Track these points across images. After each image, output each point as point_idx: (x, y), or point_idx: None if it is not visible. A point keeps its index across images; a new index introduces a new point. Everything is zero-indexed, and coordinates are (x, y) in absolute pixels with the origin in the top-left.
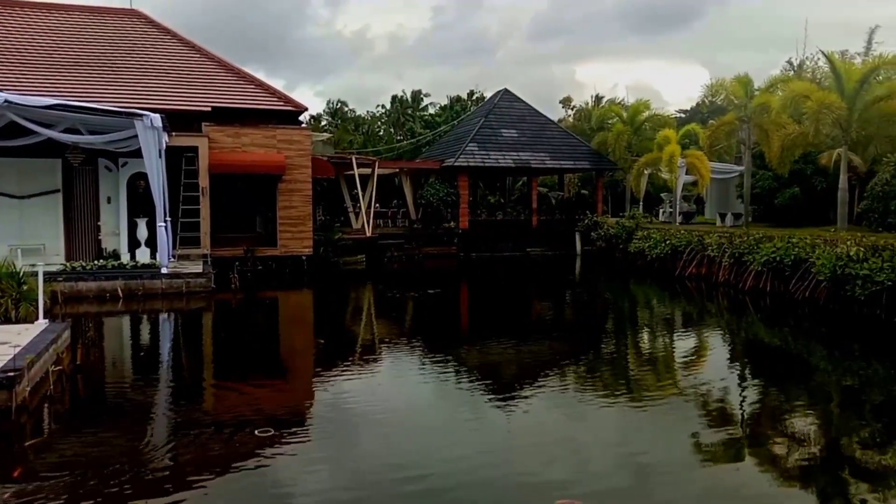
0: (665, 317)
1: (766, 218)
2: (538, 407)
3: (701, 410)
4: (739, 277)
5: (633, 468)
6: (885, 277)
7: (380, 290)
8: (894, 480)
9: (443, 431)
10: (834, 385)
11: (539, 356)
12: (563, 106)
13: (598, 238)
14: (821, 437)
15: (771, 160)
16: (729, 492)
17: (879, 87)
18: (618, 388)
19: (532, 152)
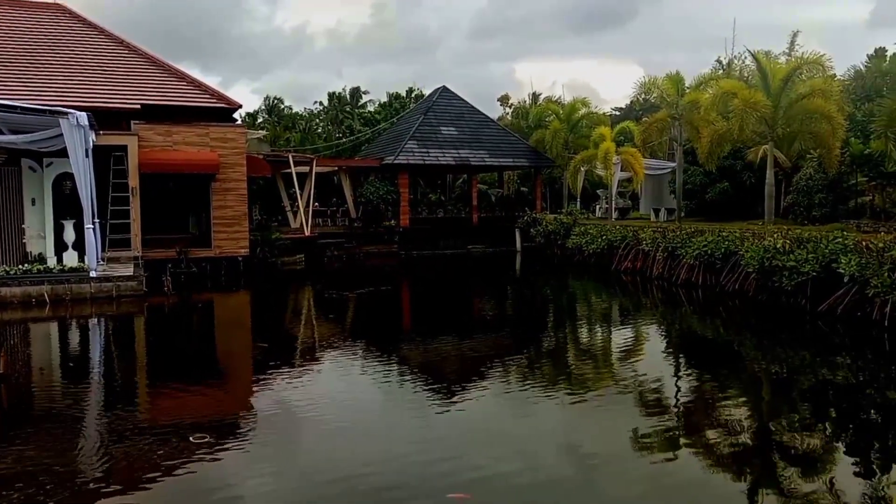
0: (602, 311)
1: (698, 213)
2: (482, 402)
3: (638, 401)
4: (673, 271)
5: (575, 459)
6: (810, 269)
7: (320, 290)
8: (821, 464)
9: (387, 431)
10: (763, 373)
11: (481, 352)
12: (502, 104)
13: (537, 234)
14: (752, 423)
15: (701, 156)
16: (667, 480)
17: (802, 86)
18: (558, 381)
19: (472, 150)
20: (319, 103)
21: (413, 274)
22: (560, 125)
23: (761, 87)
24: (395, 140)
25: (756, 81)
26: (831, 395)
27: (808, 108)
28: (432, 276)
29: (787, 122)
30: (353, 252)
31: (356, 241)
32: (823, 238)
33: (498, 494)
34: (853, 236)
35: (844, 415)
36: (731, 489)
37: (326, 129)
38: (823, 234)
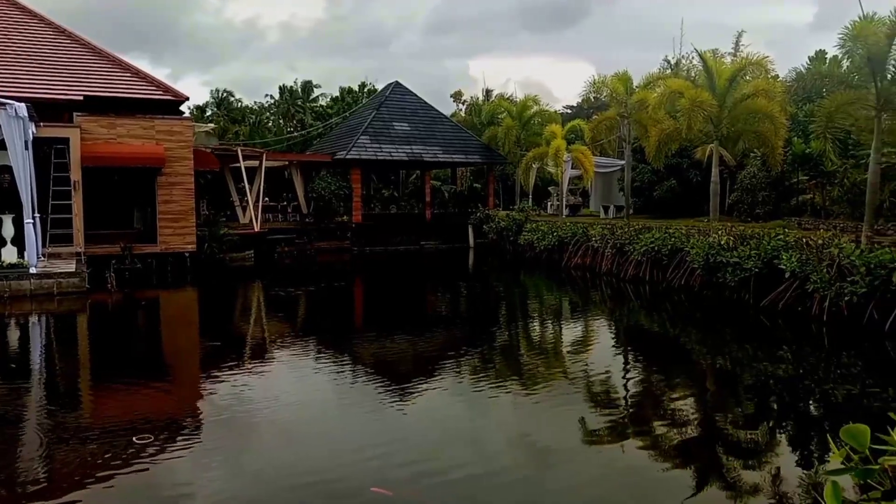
0: (553, 307)
1: (646, 210)
2: (435, 398)
3: (588, 395)
4: (621, 267)
5: (528, 452)
6: (753, 265)
7: (270, 286)
8: (765, 456)
9: (340, 428)
10: (709, 366)
11: (434, 349)
12: (455, 100)
13: (489, 231)
14: (699, 416)
15: (649, 154)
16: (616, 472)
17: (747, 86)
18: (511, 376)
19: (425, 146)
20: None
21: (366, 270)
22: (512, 122)
23: (707, 87)
24: (347, 135)
25: (702, 81)
26: (773, 388)
27: (752, 107)
28: (385, 273)
29: (732, 122)
30: (304, 248)
31: (307, 237)
32: (766, 235)
33: (453, 490)
34: (794, 233)
35: (786, 407)
36: (680, 481)
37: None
38: (766, 231)
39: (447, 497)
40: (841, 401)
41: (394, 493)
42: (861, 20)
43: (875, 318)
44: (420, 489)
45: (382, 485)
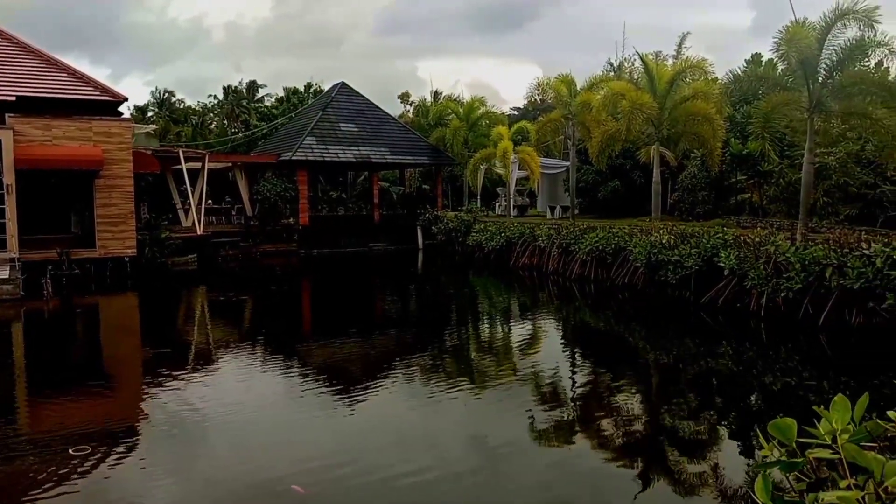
0: (501, 306)
1: (591, 210)
2: (387, 400)
3: (538, 394)
4: (567, 266)
5: (481, 452)
6: (693, 263)
7: (214, 291)
8: (708, 449)
9: (291, 434)
10: (653, 363)
11: (384, 350)
12: (402, 101)
13: (438, 232)
14: (645, 412)
15: (592, 155)
16: (568, 469)
17: (686, 88)
18: (461, 376)
19: (372, 147)
20: (214, 97)
21: (313, 273)
22: (460, 124)
23: (648, 90)
24: (293, 136)
25: (644, 84)
26: (715, 383)
27: (691, 109)
28: (333, 275)
29: (673, 123)
30: (249, 251)
31: (252, 240)
32: (705, 234)
33: (408, 493)
34: (733, 232)
35: (727, 401)
36: (629, 476)
37: (221, 124)
38: (706, 229)
39: (402, 499)
40: (779, 394)
41: (308, 492)
42: (794, 25)
43: (810, 313)
44: (375, 492)
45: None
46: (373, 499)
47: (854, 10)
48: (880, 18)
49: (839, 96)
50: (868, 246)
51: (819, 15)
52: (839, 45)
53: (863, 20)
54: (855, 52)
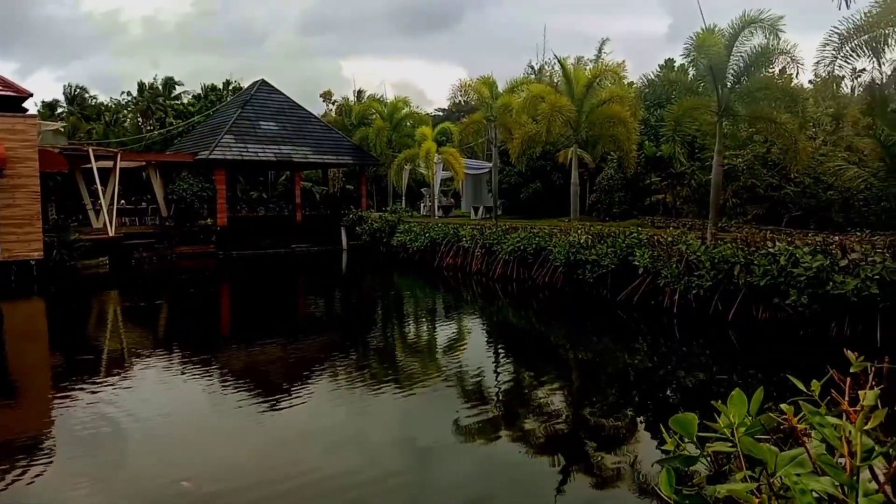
0: (426, 307)
1: (514, 211)
2: (311, 403)
3: (463, 393)
4: (490, 266)
5: (407, 451)
6: (609, 262)
7: (127, 295)
8: (625, 443)
9: (213, 440)
10: (573, 360)
11: (308, 353)
12: (325, 100)
13: (362, 232)
14: (565, 408)
15: (513, 157)
16: (493, 467)
17: (603, 92)
18: (387, 377)
19: (294, 146)
20: (129, 94)
21: (233, 275)
22: (383, 123)
23: (567, 93)
24: (210, 134)
25: (563, 87)
26: (632, 378)
27: (607, 112)
28: (253, 277)
29: (590, 126)
30: (164, 253)
31: (168, 242)
32: (621, 233)
33: (336, 491)
34: (647, 232)
35: (643, 395)
36: (551, 471)
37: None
38: (621, 229)
39: (331, 501)
40: (692, 388)
41: (194, 487)
42: (704, 32)
43: (719, 309)
44: (305, 496)
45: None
46: (301, 501)
47: (760, 18)
48: (784, 27)
49: (746, 101)
50: (773, 245)
51: (728, 22)
52: (746, 52)
53: (768, 29)
54: (761, 59)
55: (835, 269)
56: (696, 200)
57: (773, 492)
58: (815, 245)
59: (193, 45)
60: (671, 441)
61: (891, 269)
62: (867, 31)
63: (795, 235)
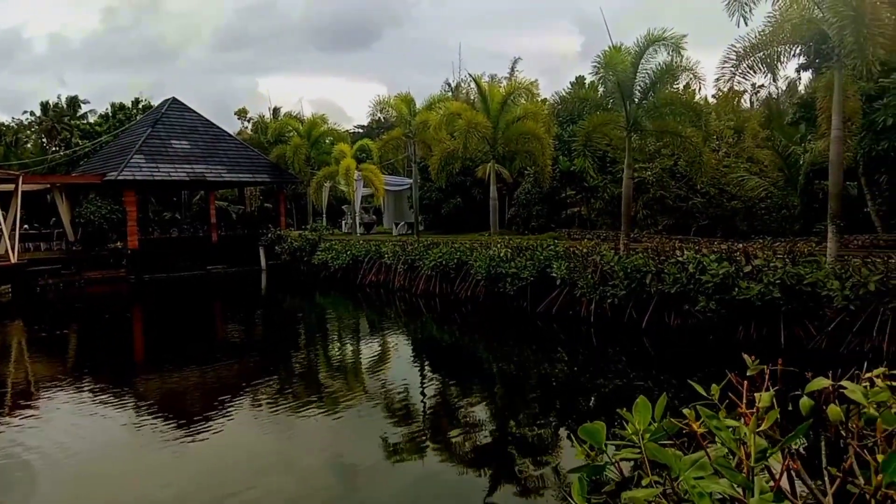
0: (349, 325)
1: (435, 226)
2: (234, 430)
3: (388, 410)
4: (413, 282)
5: (335, 473)
6: (528, 274)
7: (32, 325)
8: (548, 452)
9: (133, 470)
10: (496, 372)
11: (227, 379)
12: (240, 117)
13: (282, 252)
14: (490, 420)
15: (433, 173)
16: (421, 483)
17: (517, 109)
18: (310, 399)
19: (208, 165)
20: (31, 113)
21: (146, 300)
22: (301, 141)
23: (483, 110)
24: (119, 154)
25: (479, 104)
26: (553, 388)
27: (522, 129)
28: (168, 301)
29: (507, 142)
30: (72, 279)
31: (76, 267)
32: (539, 246)
33: None
34: (563, 244)
35: (564, 404)
36: (478, 484)
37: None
38: (539, 242)
39: None
40: (610, 395)
41: None
42: (611, 50)
43: (634, 317)
44: None
45: None
46: None
47: (663, 37)
48: (686, 45)
49: (653, 116)
50: (682, 253)
51: (634, 41)
52: (652, 69)
53: (671, 47)
54: (665, 75)
55: (740, 275)
56: (610, 212)
57: (678, 495)
58: (721, 253)
59: (102, 62)
60: (580, 450)
61: (791, 274)
62: (762, 49)
63: (702, 244)
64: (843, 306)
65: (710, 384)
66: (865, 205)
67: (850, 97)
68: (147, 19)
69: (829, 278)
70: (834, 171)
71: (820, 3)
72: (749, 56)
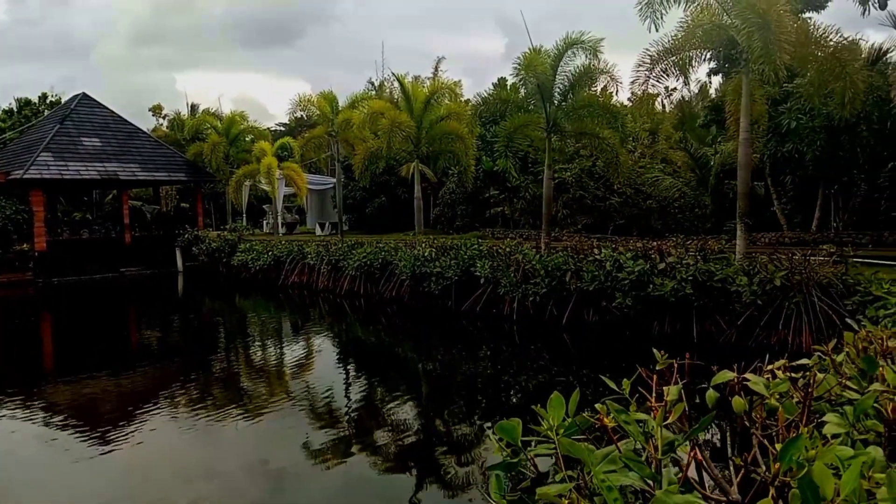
0: (271, 327)
1: (360, 226)
2: (155, 437)
3: (313, 414)
4: (337, 282)
5: (262, 477)
6: (453, 273)
7: None
8: (473, 450)
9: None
10: (422, 372)
11: (144, 385)
12: (155, 114)
13: (200, 253)
14: (416, 420)
15: (356, 172)
16: (348, 485)
17: (441, 109)
18: (230, 404)
19: (121, 163)
20: None
21: (54, 304)
22: (219, 138)
23: (406, 109)
24: (24, 152)
25: (403, 103)
26: (478, 385)
27: (446, 128)
28: (79, 305)
29: (430, 141)
30: None
31: None
32: (463, 245)
33: None
34: (487, 243)
35: (489, 401)
36: (405, 484)
37: None
38: (464, 241)
39: None
40: (534, 390)
41: None
42: (531, 52)
43: (555, 314)
44: None
45: None
46: None
47: (582, 40)
48: (604, 49)
49: (572, 118)
50: (599, 252)
51: (553, 43)
52: (570, 71)
53: (589, 50)
54: (584, 78)
55: (654, 272)
56: (532, 212)
57: (591, 490)
58: (637, 251)
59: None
60: (497, 448)
61: (702, 271)
62: (675, 53)
63: (619, 242)
64: (751, 301)
65: (624, 378)
66: (772, 204)
67: (757, 101)
68: (58, 11)
69: (737, 274)
70: (742, 171)
71: (729, 10)
72: (662, 60)
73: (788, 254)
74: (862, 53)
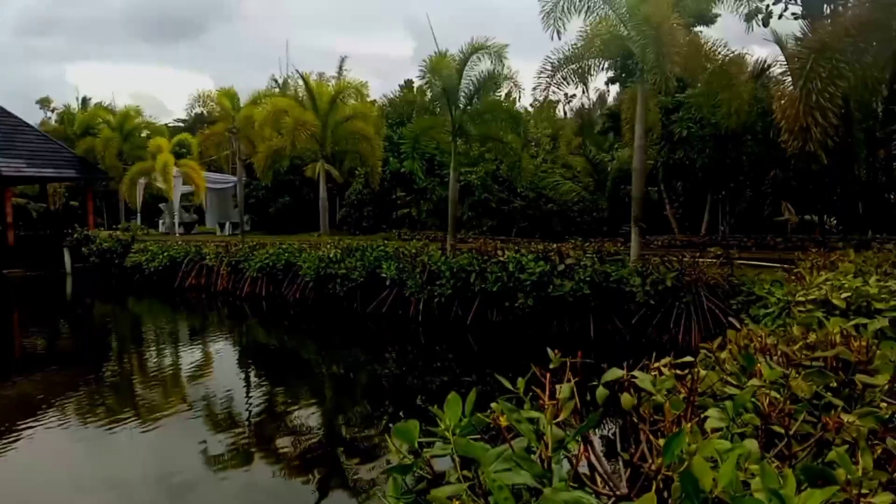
0: (166, 332)
1: (262, 226)
2: (45, 447)
3: (211, 420)
4: (237, 285)
5: (160, 486)
6: (358, 275)
7: None
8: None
9: None
10: (326, 375)
11: (31, 394)
12: (43, 107)
13: (90, 254)
14: (319, 424)
15: (258, 171)
16: (250, 490)
17: (347, 109)
18: (123, 412)
19: (3, 158)
20: None
21: None
22: (112, 134)
23: (311, 108)
24: None
25: (308, 102)
26: (384, 387)
27: (352, 128)
28: None
29: (336, 141)
30: None
31: None
32: (369, 247)
33: None
34: (394, 244)
35: (395, 403)
36: (308, 489)
37: None
38: (370, 243)
39: None
40: (438, 391)
41: None
42: (436, 56)
43: (459, 315)
44: None
45: None
46: None
47: (486, 45)
48: (509, 55)
49: (477, 122)
50: (503, 254)
51: (459, 48)
52: (476, 75)
53: (494, 55)
54: (489, 82)
55: (554, 273)
56: (438, 214)
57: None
58: (538, 253)
59: None
60: (394, 451)
61: (599, 272)
62: (575, 61)
63: (522, 244)
64: (644, 301)
65: (519, 378)
66: (665, 208)
67: (651, 110)
68: None
69: (631, 275)
70: (637, 177)
71: (626, 22)
72: (563, 67)
73: (679, 256)
74: (748, 67)
